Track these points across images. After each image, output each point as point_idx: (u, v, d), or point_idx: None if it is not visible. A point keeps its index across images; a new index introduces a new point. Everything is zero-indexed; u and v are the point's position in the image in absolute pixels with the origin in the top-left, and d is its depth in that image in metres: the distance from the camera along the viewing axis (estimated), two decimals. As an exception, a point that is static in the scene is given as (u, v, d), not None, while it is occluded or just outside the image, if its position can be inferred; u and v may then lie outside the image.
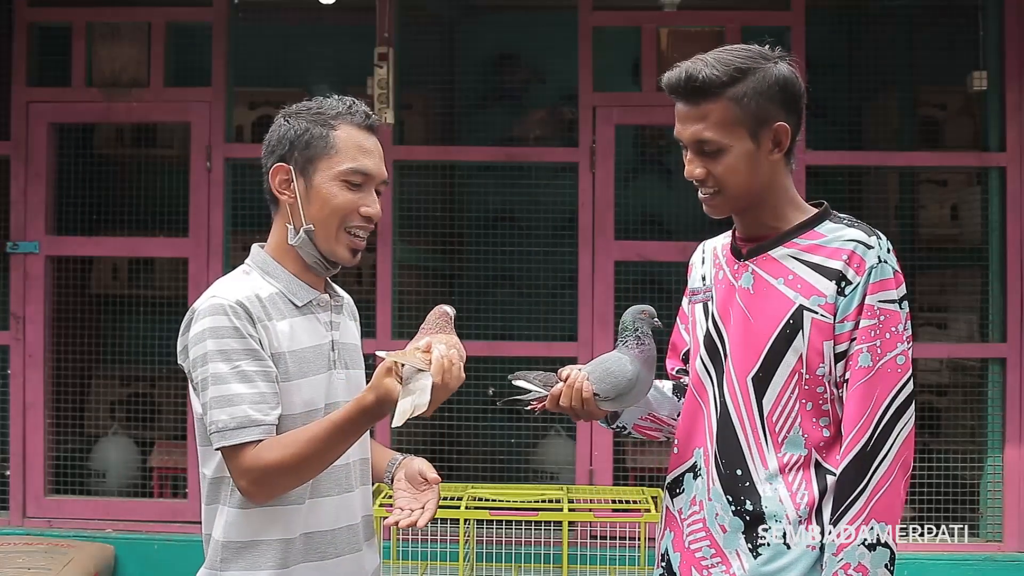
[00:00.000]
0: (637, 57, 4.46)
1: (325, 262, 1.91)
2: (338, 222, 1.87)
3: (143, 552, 4.19)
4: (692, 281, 2.04)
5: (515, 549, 3.82)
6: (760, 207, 1.87)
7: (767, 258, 1.87)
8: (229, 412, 1.74)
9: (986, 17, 4.32)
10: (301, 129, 1.88)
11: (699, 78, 1.79)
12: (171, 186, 4.65)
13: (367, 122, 1.92)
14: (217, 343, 1.77)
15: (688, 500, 1.93)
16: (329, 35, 4.95)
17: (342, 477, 1.89)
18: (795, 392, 1.81)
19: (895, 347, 1.76)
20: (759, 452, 1.83)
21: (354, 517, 1.92)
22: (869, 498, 1.75)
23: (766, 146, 1.82)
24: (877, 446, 1.75)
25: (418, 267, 4.86)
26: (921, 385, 4.71)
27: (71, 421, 4.51)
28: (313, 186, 1.87)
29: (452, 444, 4.47)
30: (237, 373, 1.76)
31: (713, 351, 1.93)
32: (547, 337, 4.49)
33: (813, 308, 1.79)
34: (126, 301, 4.79)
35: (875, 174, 4.88)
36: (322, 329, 1.91)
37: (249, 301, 1.81)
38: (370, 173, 1.89)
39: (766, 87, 1.80)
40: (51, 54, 4.58)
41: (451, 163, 4.80)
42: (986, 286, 4.34)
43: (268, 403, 1.77)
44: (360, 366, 2.01)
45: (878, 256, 1.78)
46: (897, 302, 1.78)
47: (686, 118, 1.83)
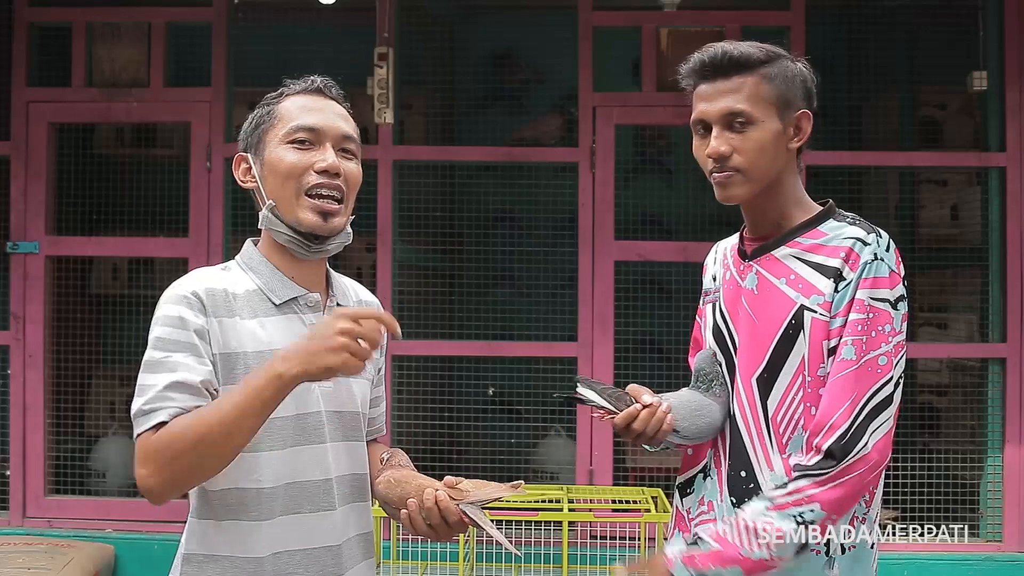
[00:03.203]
0: (637, 57, 4.46)
1: (299, 238, 1.77)
2: (294, 186, 1.75)
3: (143, 552, 4.20)
4: (706, 281, 2.05)
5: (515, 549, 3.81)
6: (769, 199, 1.87)
7: (770, 258, 1.87)
8: (144, 398, 1.64)
9: (986, 17, 4.32)
10: (253, 116, 1.84)
11: (736, 52, 1.83)
12: (171, 186, 4.65)
13: (314, 87, 1.83)
14: (160, 330, 1.69)
15: (696, 500, 1.94)
16: (329, 35, 4.94)
17: (319, 494, 1.76)
18: (799, 394, 1.80)
19: (879, 346, 1.74)
20: (764, 453, 1.83)
21: (335, 538, 1.78)
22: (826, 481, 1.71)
23: (788, 131, 1.85)
24: (853, 441, 1.71)
25: (418, 267, 4.86)
26: (921, 385, 4.72)
27: (71, 421, 4.51)
28: (265, 161, 1.79)
29: (452, 444, 4.47)
30: (166, 363, 1.65)
31: (724, 350, 1.93)
32: (547, 337, 4.49)
33: (813, 307, 1.79)
34: (126, 301, 4.79)
35: (875, 174, 4.89)
36: (304, 331, 1.75)
37: (208, 293, 1.72)
38: (316, 127, 1.77)
39: (792, 74, 1.86)
40: (51, 54, 4.58)
41: (451, 163, 4.80)
42: (986, 286, 4.33)
43: (187, 392, 1.63)
44: (360, 375, 1.82)
45: (874, 253, 1.77)
46: (891, 302, 1.76)
47: (717, 93, 1.83)
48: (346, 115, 1.85)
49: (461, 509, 1.67)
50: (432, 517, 1.68)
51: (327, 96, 1.83)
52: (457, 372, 4.48)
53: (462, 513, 1.67)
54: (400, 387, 4.36)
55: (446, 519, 1.68)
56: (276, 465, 1.73)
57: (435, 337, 4.66)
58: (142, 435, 1.63)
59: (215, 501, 1.74)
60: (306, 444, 1.76)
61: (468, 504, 1.68)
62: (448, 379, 4.49)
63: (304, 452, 1.76)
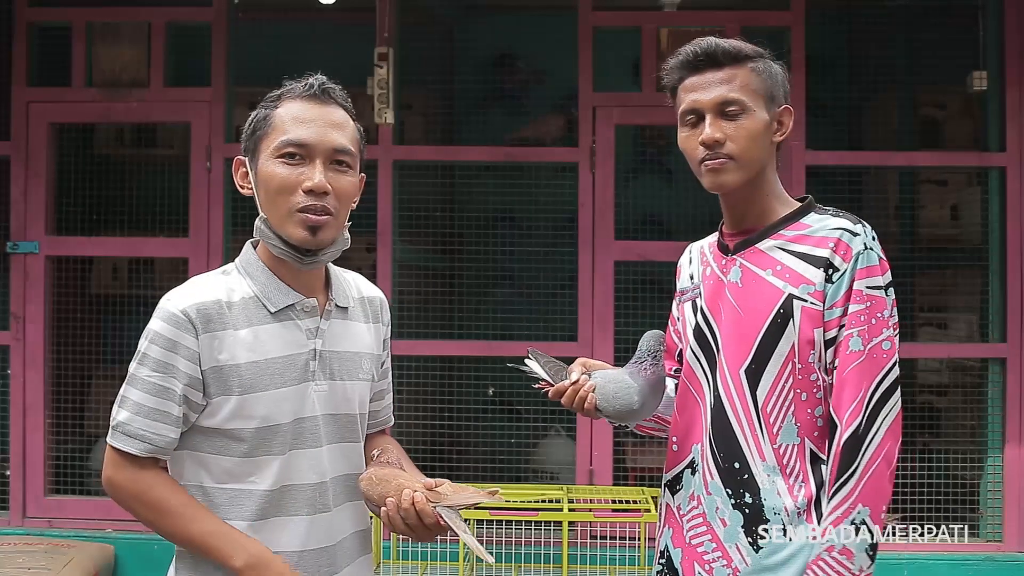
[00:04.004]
0: (637, 57, 4.46)
1: (291, 251, 1.75)
2: (284, 203, 1.72)
3: (143, 552, 4.20)
4: (681, 282, 2.08)
5: (515, 549, 3.82)
6: (753, 191, 1.91)
7: (754, 251, 1.90)
8: (126, 415, 1.71)
9: (986, 17, 4.32)
10: (252, 118, 1.80)
11: (728, 45, 1.88)
12: (171, 186, 4.65)
13: (311, 91, 1.76)
14: (148, 347, 1.73)
15: (687, 496, 1.95)
16: (329, 35, 4.95)
17: (314, 497, 1.77)
18: (789, 382, 1.84)
19: (881, 332, 1.80)
20: (755, 443, 1.85)
21: (330, 539, 1.80)
22: (858, 481, 1.77)
23: (773, 124, 1.90)
24: (867, 429, 1.78)
25: (418, 267, 4.86)
26: (921, 385, 4.71)
27: (71, 421, 4.51)
28: (258, 172, 1.76)
29: (452, 444, 4.47)
30: (145, 381, 1.71)
31: (705, 346, 1.95)
32: (547, 337, 4.49)
33: (803, 296, 1.82)
34: (126, 301, 4.78)
35: (875, 174, 4.89)
36: (302, 337, 1.76)
37: (201, 309, 1.71)
38: (306, 143, 1.72)
39: (775, 71, 1.92)
40: (51, 54, 4.58)
41: (451, 163, 4.80)
42: (986, 286, 4.34)
43: (161, 421, 1.71)
44: (358, 377, 1.85)
45: (864, 243, 1.82)
46: (883, 288, 1.82)
47: (709, 83, 1.88)
48: (343, 121, 1.79)
49: (438, 512, 1.69)
50: (409, 518, 1.70)
51: (325, 101, 1.78)
52: (457, 372, 4.48)
53: (438, 516, 1.69)
54: (400, 387, 4.36)
55: (422, 520, 1.70)
56: (274, 469, 1.74)
57: (435, 337, 4.66)
58: (115, 448, 1.74)
59: (211, 500, 1.74)
60: (302, 448, 1.77)
61: (444, 507, 1.70)
62: (448, 379, 4.49)
63: (300, 456, 1.77)
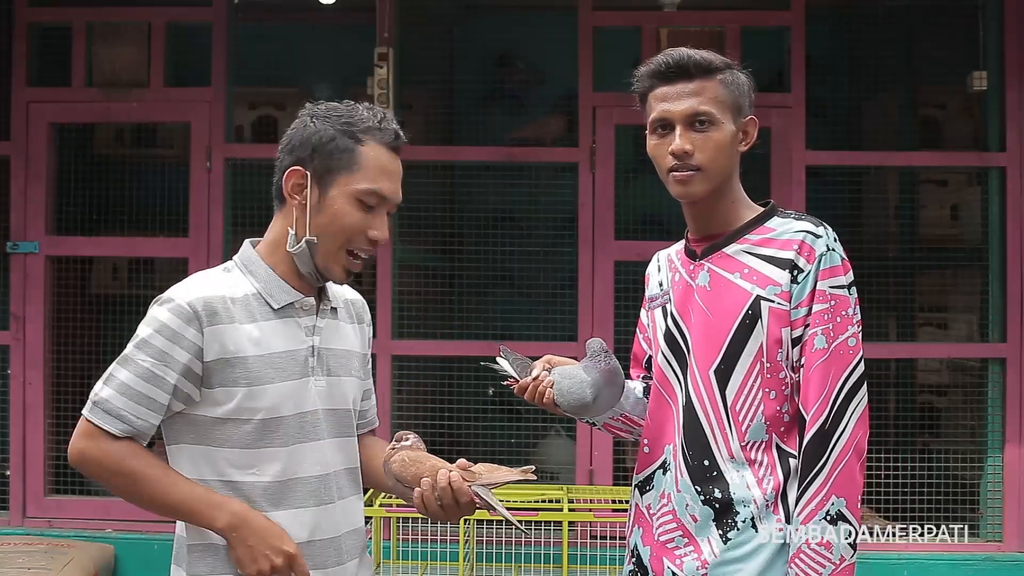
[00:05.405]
0: (637, 57, 4.45)
1: (318, 275, 1.84)
2: (343, 241, 1.81)
3: (143, 552, 4.20)
4: (650, 289, 2.13)
5: (515, 549, 3.82)
6: (719, 198, 1.96)
7: (722, 255, 1.96)
8: (110, 393, 1.74)
9: (986, 17, 4.32)
10: (327, 136, 1.80)
11: (699, 57, 1.92)
12: (171, 186, 4.65)
13: (395, 142, 1.86)
14: (151, 334, 1.75)
15: (657, 495, 2.00)
16: (329, 35, 4.94)
17: (319, 489, 1.82)
18: (757, 380, 1.89)
19: (846, 330, 1.86)
20: (724, 441, 1.90)
21: (335, 531, 1.84)
22: (829, 473, 1.82)
23: (739, 135, 1.95)
24: (835, 424, 1.83)
25: (418, 267, 4.86)
26: (921, 385, 4.71)
27: (71, 421, 4.46)
28: (327, 198, 1.80)
29: (452, 444, 4.47)
30: (139, 365, 1.73)
31: (676, 350, 2.00)
32: (547, 337, 4.48)
33: (770, 297, 1.88)
34: (126, 301, 4.77)
35: (875, 174, 4.88)
36: (301, 334, 1.83)
37: (208, 303, 1.75)
38: (387, 196, 1.83)
39: (741, 82, 1.96)
40: (51, 54, 4.58)
41: (451, 163, 4.80)
42: (986, 286, 4.34)
43: (145, 407, 1.73)
44: (351, 373, 1.92)
45: (826, 245, 1.88)
46: (846, 287, 1.88)
47: (680, 95, 1.91)
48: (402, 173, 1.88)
49: (473, 490, 1.74)
50: (445, 497, 1.74)
51: (398, 153, 1.88)
52: (457, 372, 4.48)
53: (474, 494, 1.74)
54: (400, 387, 4.36)
55: (457, 500, 1.74)
56: (277, 461, 1.79)
57: (435, 337, 4.66)
58: (90, 422, 1.76)
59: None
60: (305, 441, 1.82)
61: (480, 486, 1.76)
62: (448, 379, 4.49)
63: (304, 449, 1.81)
